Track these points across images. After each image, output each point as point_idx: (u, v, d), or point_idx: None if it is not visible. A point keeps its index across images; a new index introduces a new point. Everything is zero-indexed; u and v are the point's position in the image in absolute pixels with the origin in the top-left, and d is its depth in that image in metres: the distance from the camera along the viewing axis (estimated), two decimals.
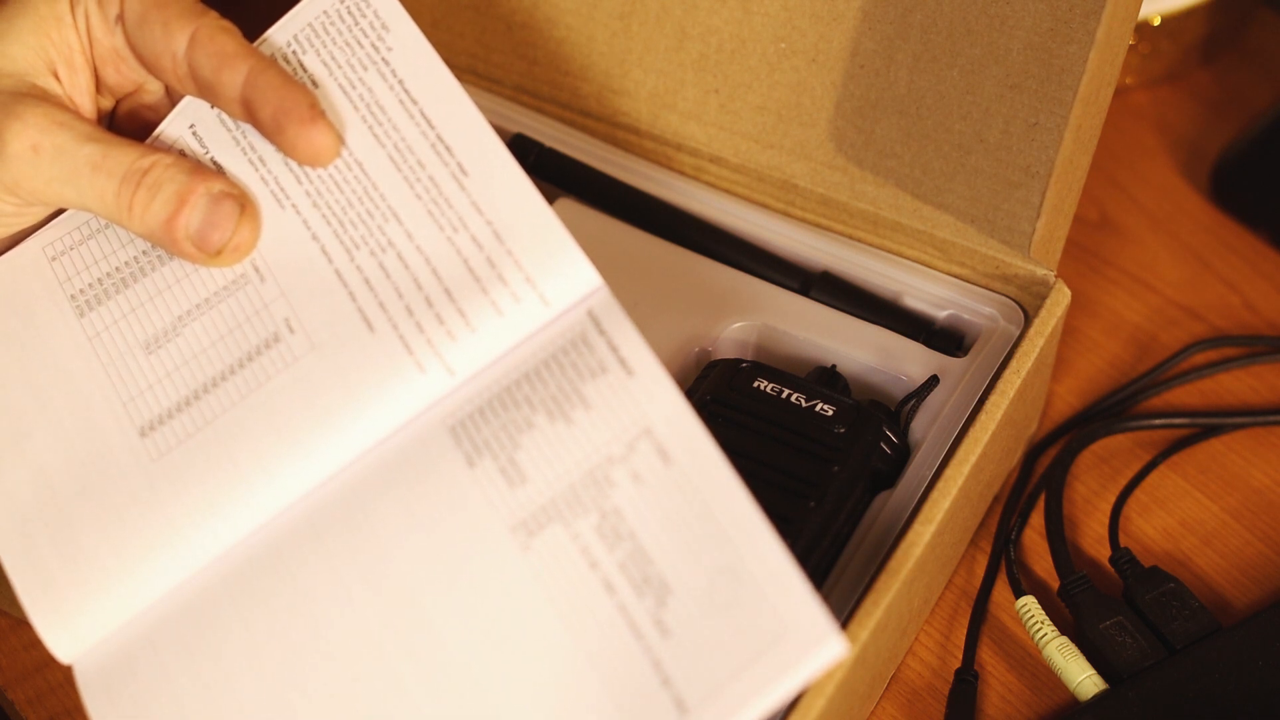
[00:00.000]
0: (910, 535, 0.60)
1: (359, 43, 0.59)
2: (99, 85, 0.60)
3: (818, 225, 0.71)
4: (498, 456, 0.55)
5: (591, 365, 0.55)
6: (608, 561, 0.52)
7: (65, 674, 0.56)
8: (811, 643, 0.50)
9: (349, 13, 0.59)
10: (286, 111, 0.56)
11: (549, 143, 0.74)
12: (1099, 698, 0.63)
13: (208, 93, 0.58)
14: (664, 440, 0.53)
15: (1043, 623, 0.65)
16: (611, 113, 0.73)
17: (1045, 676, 0.66)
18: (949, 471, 0.62)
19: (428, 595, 0.54)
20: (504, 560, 0.53)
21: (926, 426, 0.65)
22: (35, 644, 0.56)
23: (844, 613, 0.59)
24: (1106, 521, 0.70)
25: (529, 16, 0.74)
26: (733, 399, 0.64)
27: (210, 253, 0.57)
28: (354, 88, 0.59)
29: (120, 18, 0.58)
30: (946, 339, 0.68)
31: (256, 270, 0.58)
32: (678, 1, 0.71)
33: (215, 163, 0.59)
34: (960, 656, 0.67)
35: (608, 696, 0.51)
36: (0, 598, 0.65)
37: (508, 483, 0.54)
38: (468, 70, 0.76)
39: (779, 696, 0.50)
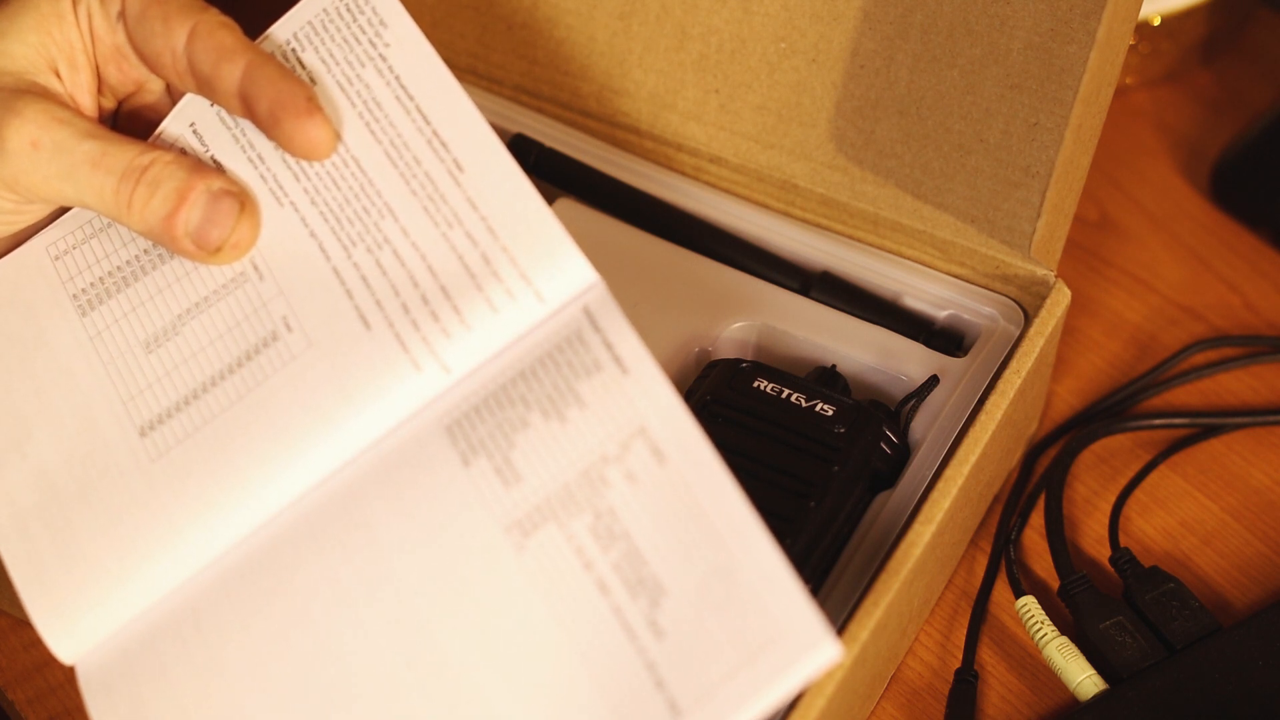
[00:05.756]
0: (910, 535, 0.60)
1: (356, 39, 0.59)
2: (101, 85, 0.60)
3: (818, 225, 0.71)
4: (493, 456, 0.55)
5: (586, 363, 0.55)
6: (602, 562, 0.52)
7: (65, 674, 0.56)
8: (806, 646, 0.50)
9: (348, 9, 0.59)
10: (283, 104, 0.56)
11: (549, 143, 0.74)
12: (1099, 698, 0.63)
13: (206, 88, 0.58)
14: (659, 439, 0.53)
15: (1043, 623, 0.65)
16: (611, 113, 0.73)
17: (1045, 676, 0.66)
18: (949, 471, 0.62)
19: (423, 596, 0.54)
20: (499, 561, 0.53)
21: (926, 426, 0.65)
22: (35, 644, 0.56)
23: (844, 612, 0.59)
24: (1106, 521, 0.70)
25: (529, 16, 0.74)
26: (733, 399, 0.64)
27: (209, 250, 0.57)
28: (351, 84, 0.58)
29: (122, 14, 0.58)
30: (946, 339, 0.68)
31: (255, 268, 0.58)
32: (678, 1, 0.71)
33: (215, 161, 0.59)
34: (960, 656, 0.67)
35: (601, 698, 0.51)
36: (1, 598, 0.65)
37: (503, 482, 0.54)
38: (468, 70, 0.76)
39: (772, 700, 0.50)
